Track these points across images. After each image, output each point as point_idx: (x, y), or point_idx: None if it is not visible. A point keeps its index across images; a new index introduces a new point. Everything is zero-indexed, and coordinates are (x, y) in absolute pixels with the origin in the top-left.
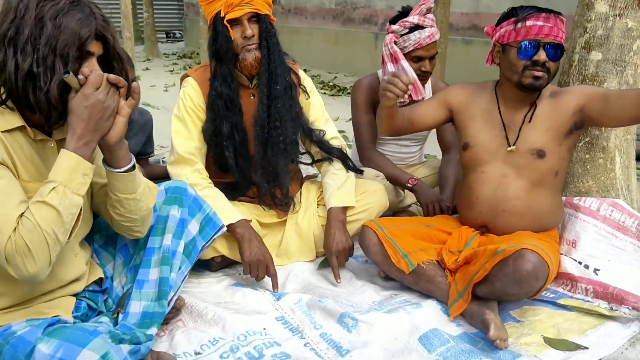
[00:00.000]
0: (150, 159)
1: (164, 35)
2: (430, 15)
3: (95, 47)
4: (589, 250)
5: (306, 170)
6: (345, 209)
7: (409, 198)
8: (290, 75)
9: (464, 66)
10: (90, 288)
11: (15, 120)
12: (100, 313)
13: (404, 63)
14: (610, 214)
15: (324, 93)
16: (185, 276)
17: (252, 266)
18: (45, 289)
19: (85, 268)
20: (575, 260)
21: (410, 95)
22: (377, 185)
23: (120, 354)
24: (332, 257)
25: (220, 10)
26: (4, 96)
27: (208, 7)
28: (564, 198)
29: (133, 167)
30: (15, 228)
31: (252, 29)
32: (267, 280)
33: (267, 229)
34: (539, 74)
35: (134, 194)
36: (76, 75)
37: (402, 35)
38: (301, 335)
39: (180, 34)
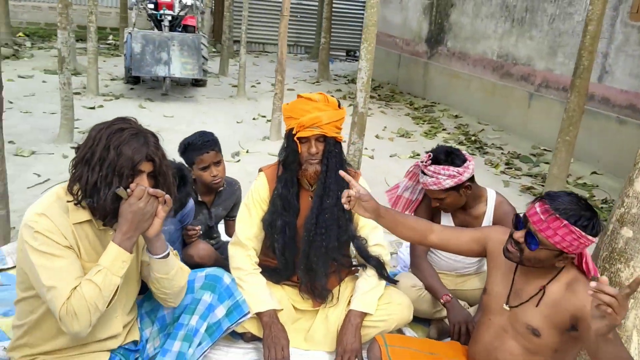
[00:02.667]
0: None
1: (344, 54)
2: (428, 172)
3: (146, 167)
4: None
5: None
6: (363, 314)
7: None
8: (345, 187)
9: (615, 146)
10: (126, 346)
11: (85, 215)
12: None
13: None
14: None
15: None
16: (206, 350)
17: (270, 348)
18: (84, 341)
19: (121, 329)
20: None
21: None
22: (403, 299)
23: None
24: (337, 355)
25: (293, 127)
26: (79, 198)
27: (286, 121)
28: None
29: (167, 255)
30: (68, 297)
31: (317, 148)
32: None
33: (301, 314)
34: (510, 248)
35: (167, 275)
36: (126, 188)
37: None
38: None
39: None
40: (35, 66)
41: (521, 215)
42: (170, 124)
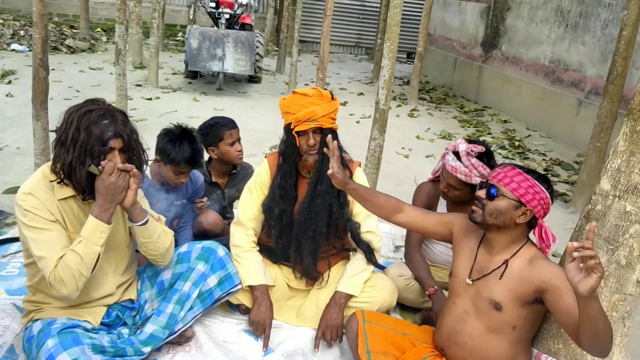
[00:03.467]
0: None
1: (405, 56)
2: (467, 161)
3: (116, 144)
4: None
5: None
6: (349, 295)
7: None
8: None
9: None
10: (123, 303)
11: (68, 192)
12: (125, 324)
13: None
14: None
15: (500, 154)
16: (198, 315)
17: (254, 324)
18: (82, 300)
19: (114, 289)
20: None
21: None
22: (387, 284)
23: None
24: (319, 329)
25: (291, 122)
26: (62, 176)
27: (283, 116)
28: (535, 351)
29: (146, 222)
30: (55, 265)
31: (314, 139)
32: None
33: (294, 292)
34: (474, 208)
35: (151, 239)
36: (98, 166)
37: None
38: None
39: None
40: (106, 59)
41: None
42: None
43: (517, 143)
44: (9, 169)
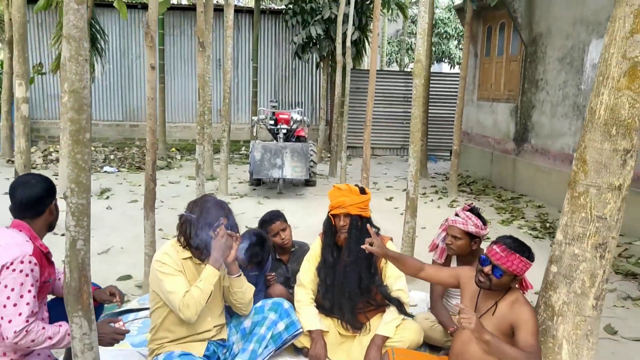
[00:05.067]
0: None
1: (449, 154)
2: (463, 214)
3: (224, 220)
4: None
5: None
6: (385, 337)
7: None
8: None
9: None
10: (217, 342)
11: (188, 254)
12: (219, 358)
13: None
14: None
15: (531, 234)
16: (271, 352)
17: (312, 358)
18: (191, 332)
19: (212, 328)
20: None
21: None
22: (415, 326)
23: None
24: None
25: (330, 209)
26: (184, 244)
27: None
28: None
29: (240, 275)
30: (183, 295)
31: (344, 222)
32: None
33: (344, 338)
34: (482, 279)
35: (241, 289)
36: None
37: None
38: None
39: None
40: (182, 174)
41: (484, 256)
42: None
43: (547, 225)
44: (117, 263)
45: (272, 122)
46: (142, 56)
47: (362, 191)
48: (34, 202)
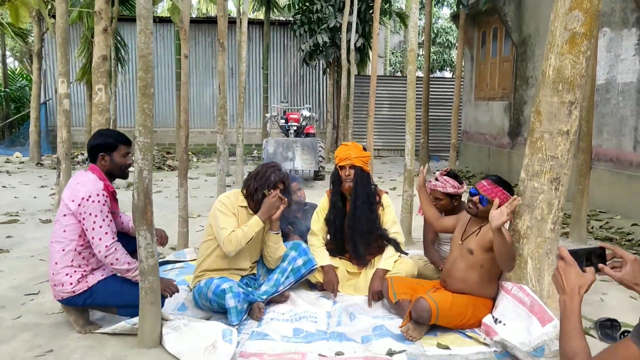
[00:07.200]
0: None
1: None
2: (441, 178)
3: (280, 185)
4: (501, 311)
5: None
6: (385, 270)
7: None
8: (373, 197)
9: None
10: (250, 276)
11: (244, 202)
12: (247, 284)
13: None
14: (516, 293)
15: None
16: (291, 282)
17: (326, 284)
18: (230, 266)
19: (247, 266)
20: (493, 316)
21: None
22: (409, 260)
23: (238, 291)
24: (369, 293)
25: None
26: (245, 194)
27: (335, 159)
28: (500, 282)
29: (278, 233)
30: (229, 233)
31: (349, 172)
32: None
33: (350, 275)
34: (471, 206)
35: (276, 245)
36: (269, 192)
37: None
38: (329, 322)
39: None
40: (200, 172)
41: (474, 188)
42: None
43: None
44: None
45: (282, 120)
46: (158, 66)
47: (364, 150)
48: (89, 151)
